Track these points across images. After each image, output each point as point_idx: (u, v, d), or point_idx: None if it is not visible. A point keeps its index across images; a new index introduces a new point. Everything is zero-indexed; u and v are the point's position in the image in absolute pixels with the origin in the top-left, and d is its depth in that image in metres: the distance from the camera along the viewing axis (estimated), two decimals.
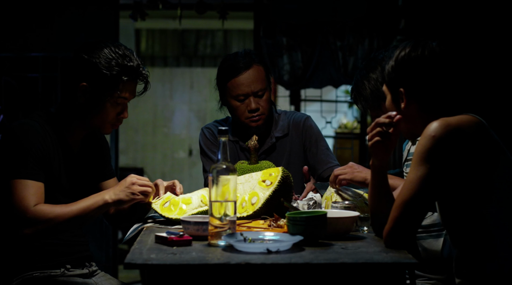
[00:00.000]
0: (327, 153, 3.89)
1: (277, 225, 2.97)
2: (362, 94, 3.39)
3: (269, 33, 7.07)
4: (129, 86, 3.16)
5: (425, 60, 2.68)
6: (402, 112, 2.73)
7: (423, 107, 2.70)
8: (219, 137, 2.71)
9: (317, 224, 2.68)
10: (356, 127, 8.53)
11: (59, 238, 3.17)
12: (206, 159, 3.92)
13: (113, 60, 3.10)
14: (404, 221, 2.59)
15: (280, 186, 3.16)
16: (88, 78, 3.10)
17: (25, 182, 2.99)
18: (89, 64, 3.09)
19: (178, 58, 11.36)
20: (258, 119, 3.80)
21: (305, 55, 7.08)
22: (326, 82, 7.28)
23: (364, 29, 7.00)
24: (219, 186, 2.67)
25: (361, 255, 2.56)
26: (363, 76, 3.39)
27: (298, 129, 3.91)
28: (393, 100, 2.76)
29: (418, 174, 2.58)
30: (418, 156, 2.59)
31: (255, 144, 3.57)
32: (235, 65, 3.80)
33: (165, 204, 3.20)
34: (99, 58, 3.09)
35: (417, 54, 2.69)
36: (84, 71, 3.10)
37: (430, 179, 2.57)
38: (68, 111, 3.17)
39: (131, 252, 2.59)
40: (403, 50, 2.71)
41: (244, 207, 3.16)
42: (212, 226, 2.68)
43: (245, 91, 3.77)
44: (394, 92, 2.74)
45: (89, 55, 3.09)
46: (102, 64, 3.08)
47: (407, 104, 2.71)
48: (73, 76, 3.13)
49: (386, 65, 2.76)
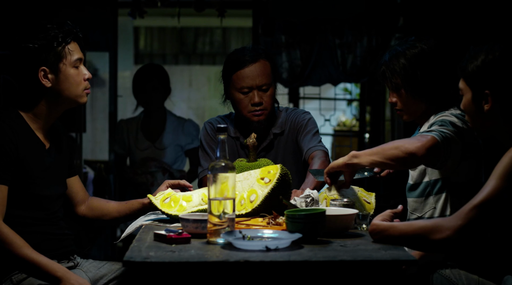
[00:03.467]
0: (311, 138, 3.85)
1: (276, 223, 2.97)
2: (395, 70, 3.40)
3: (267, 31, 7.07)
4: (74, 46, 3.22)
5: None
6: (483, 113, 2.76)
7: (507, 111, 2.72)
8: (218, 135, 2.71)
9: (316, 222, 2.68)
10: (355, 125, 8.53)
11: (48, 232, 3.18)
12: (203, 154, 3.92)
13: (51, 31, 3.16)
14: (475, 223, 2.58)
15: (279, 184, 3.16)
16: (42, 60, 3.14)
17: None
18: (38, 48, 3.14)
19: (176, 56, 11.35)
20: (261, 114, 3.80)
21: (304, 53, 7.08)
22: (325, 80, 7.28)
23: (362, 26, 7.00)
24: (217, 183, 2.67)
25: (360, 252, 2.56)
26: (399, 53, 3.39)
27: (292, 125, 3.91)
28: (473, 99, 2.78)
29: (498, 185, 2.58)
30: (504, 168, 2.60)
31: (253, 142, 3.57)
32: (241, 58, 3.81)
33: (165, 200, 3.20)
34: (43, 38, 3.15)
35: (508, 57, 2.72)
36: (35, 57, 3.14)
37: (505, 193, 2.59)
38: (33, 102, 3.20)
39: (130, 250, 2.59)
40: (491, 53, 2.74)
41: (242, 205, 3.16)
42: (211, 224, 2.68)
43: (249, 84, 3.78)
44: (477, 92, 2.77)
45: (33, 42, 3.14)
46: (48, 40, 3.14)
47: (492, 107, 2.74)
48: (26, 66, 3.16)
49: (468, 65, 2.78)
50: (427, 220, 2.72)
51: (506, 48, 2.73)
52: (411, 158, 3.05)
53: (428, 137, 3.05)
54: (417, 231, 2.62)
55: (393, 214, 2.80)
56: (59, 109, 3.24)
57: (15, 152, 3.07)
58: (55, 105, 3.22)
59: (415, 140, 3.06)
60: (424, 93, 3.36)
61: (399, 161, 3.08)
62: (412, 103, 3.40)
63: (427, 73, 3.35)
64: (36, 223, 3.16)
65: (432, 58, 3.36)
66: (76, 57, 3.21)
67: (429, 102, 3.38)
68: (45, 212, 3.20)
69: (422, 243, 2.63)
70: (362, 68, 7.03)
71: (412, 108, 3.41)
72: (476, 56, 2.76)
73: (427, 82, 3.35)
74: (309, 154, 3.79)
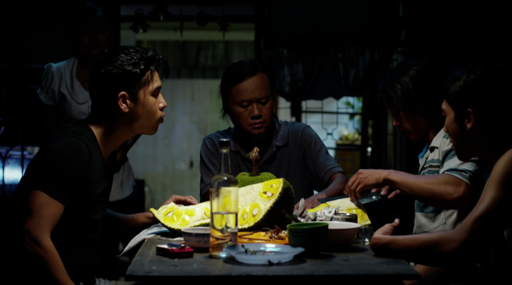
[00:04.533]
0: (326, 157, 3.93)
1: (278, 237, 2.97)
2: (391, 96, 3.44)
3: (270, 44, 7.08)
4: (156, 75, 3.18)
5: (497, 82, 2.75)
6: (466, 132, 2.79)
7: (490, 129, 2.75)
8: (220, 149, 2.71)
9: (318, 236, 2.68)
10: (357, 139, 8.53)
11: (84, 258, 3.15)
12: (204, 170, 3.93)
13: (134, 57, 3.11)
14: (478, 237, 2.59)
15: (281, 198, 3.16)
16: (123, 85, 3.09)
17: (48, 199, 2.95)
18: (121, 74, 3.08)
19: (179, 70, 11.37)
20: (261, 126, 3.81)
21: (306, 67, 7.08)
22: (327, 93, 7.28)
23: (365, 40, 7.01)
24: (220, 197, 2.67)
25: (362, 266, 2.56)
26: (394, 79, 3.44)
27: (297, 139, 3.93)
28: (456, 118, 2.82)
29: (497, 194, 2.60)
30: (500, 177, 2.62)
31: (256, 156, 3.57)
32: (239, 72, 3.83)
33: (168, 213, 3.20)
34: (124, 63, 3.09)
35: (489, 76, 2.75)
36: (116, 82, 3.09)
37: (507, 202, 2.60)
38: (108, 123, 3.14)
39: (133, 264, 2.59)
40: (473, 73, 2.77)
41: (245, 219, 3.16)
42: (213, 238, 2.68)
43: (248, 97, 3.80)
44: (459, 111, 2.80)
45: (113, 66, 3.09)
46: (133, 66, 3.09)
47: (474, 125, 2.77)
48: (107, 89, 3.10)
49: (450, 85, 2.82)
50: (431, 233, 2.73)
51: (487, 67, 2.77)
52: (446, 205, 3.24)
53: (461, 188, 3.13)
54: (422, 244, 2.62)
55: (393, 228, 2.81)
56: (129, 135, 3.21)
57: (85, 174, 3.03)
58: (128, 131, 3.18)
59: (450, 188, 3.15)
60: (423, 111, 3.38)
61: (431, 203, 3.29)
62: (415, 123, 3.43)
63: (422, 92, 3.39)
64: (78, 246, 3.12)
65: (425, 77, 3.40)
66: (157, 86, 3.17)
67: (431, 117, 3.39)
68: (89, 237, 3.16)
69: (428, 257, 2.63)
70: (364, 82, 7.03)
71: (416, 127, 3.44)
72: (458, 77, 2.81)
73: (424, 100, 3.38)
74: (329, 176, 3.86)
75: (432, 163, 3.39)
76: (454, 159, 3.20)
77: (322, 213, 3.15)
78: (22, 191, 3.01)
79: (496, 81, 2.74)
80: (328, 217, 3.11)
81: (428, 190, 3.15)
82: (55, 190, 2.95)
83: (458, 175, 3.14)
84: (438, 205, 3.29)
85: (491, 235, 2.60)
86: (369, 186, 3.26)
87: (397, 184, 3.22)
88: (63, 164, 2.97)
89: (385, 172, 3.27)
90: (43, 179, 2.95)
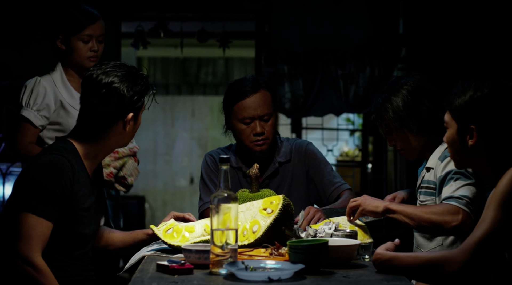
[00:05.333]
0: (332, 174, 3.93)
1: (278, 253, 2.97)
2: (383, 117, 3.45)
3: (270, 61, 7.10)
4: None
5: (504, 101, 2.74)
6: (467, 148, 2.78)
7: (491, 148, 2.75)
8: (221, 166, 2.71)
9: (318, 252, 2.68)
10: (358, 155, 8.53)
11: (76, 273, 3.14)
12: (203, 187, 3.93)
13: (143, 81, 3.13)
14: (478, 257, 2.59)
15: (281, 214, 3.16)
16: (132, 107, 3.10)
17: (36, 219, 2.94)
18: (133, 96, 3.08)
19: (179, 86, 11.39)
20: (263, 144, 3.81)
21: (307, 83, 7.10)
22: (328, 110, 7.29)
23: (365, 57, 7.03)
24: (220, 214, 2.67)
25: (362, 283, 2.55)
26: (385, 99, 3.44)
27: (300, 156, 3.93)
28: (458, 132, 2.80)
29: (498, 215, 2.60)
30: (501, 197, 2.62)
31: (256, 172, 3.57)
32: (242, 88, 3.82)
33: (168, 230, 3.20)
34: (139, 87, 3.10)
35: (497, 95, 2.75)
36: (128, 104, 3.08)
37: (508, 223, 2.60)
38: (97, 141, 3.12)
39: (133, 281, 2.58)
40: (480, 90, 2.76)
41: (245, 235, 3.16)
42: (213, 254, 2.67)
43: (251, 114, 3.79)
44: (462, 126, 2.79)
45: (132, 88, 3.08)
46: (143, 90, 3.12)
47: (476, 142, 2.76)
48: (116, 109, 3.07)
49: (456, 99, 2.80)
50: (433, 252, 2.73)
51: (495, 85, 2.77)
52: (445, 233, 3.29)
53: (459, 217, 3.14)
54: (424, 263, 2.63)
55: (395, 246, 2.82)
56: (111, 151, 3.22)
57: (70, 190, 3.01)
58: (113, 148, 3.19)
59: (449, 217, 3.16)
60: (415, 127, 3.39)
61: (431, 232, 3.35)
62: (408, 142, 3.44)
63: (413, 110, 3.39)
64: (69, 262, 3.09)
65: (416, 94, 3.41)
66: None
67: (424, 133, 3.40)
68: (80, 252, 3.14)
69: (429, 276, 2.64)
70: (365, 99, 7.04)
71: (411, 145, 3.44)
72: (464, 91, 2.79)
73: (416, 117, 3.39)
74: (338, 193, 3.87)
75: (428, 184, 3.40)
76: (450, 185, 3.22)
77: (322, 229, 3.15)
78: (9, 213, 3.00)
79: (503, 101, 2.74)
80: (328, 233, 3.11)
81: (427, 219, 3.17)
82: (41, 209, 2.94)
83: (455, 203, 3.16)
84: (439, 234, 3.33)
85: (493, 257, 2.60)
86: (366, 212, 3.27)
87: (396, 213, 3.23)
88: (46, 182, 2.96)
89: (385, 202, 3.30)
90: (28, 200, 2.94)
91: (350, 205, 3.30)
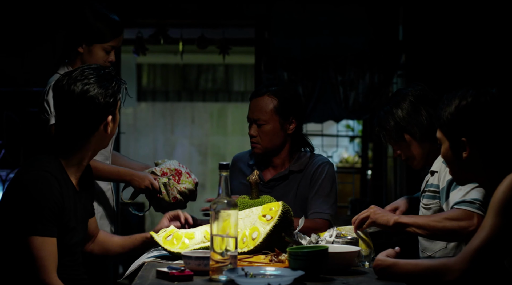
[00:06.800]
0: (325, 200, 3.86)
1: (278, 260, 2.97)
2: (386, 128, 3.46)
3: (270, 68, 7.10)
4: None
5: (489, 108, 2.71)
6: (462, 161, 2.75)
7: (486, 157, 2.72)
8: (220, 172, 2.71)
9: (318, 259, 2.68)
10: (357, 161, 8.54)
11: (69, 278, 3.12)
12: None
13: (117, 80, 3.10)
14: (477, 265, 2.59)
15: (281, 221, 3.16)
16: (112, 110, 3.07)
17: (42, 239, 2.91)
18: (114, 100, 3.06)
19: (179, 93, 11.39)
20: (254, 147, 3.88)
21: (306, 90, 7.10)
22: (327, 116, 7.30)
23: (365, 63, 7.03)
24: (220, 221, 2.67)
25: None
26: (387, 111, 3.46)
27: (312, 169, 3.89)
28: (450, 148, 2.77)
29: (496, 223, 2.59)
30: (498, 205, 2.60)
31: (256, 179, 3.57)
32: (255, 91, 3.95)
33: (168, 237, 3.20)
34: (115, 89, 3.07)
35: (480, 103, 2.72)
36: (108, 108, 3.04)
37: (506, 231, 2.59)
38: (78, 148, 3.07)
39: None
40: (464, 99, 2.73)
41: (245, 242, 3.16)
42: (213, 261, 2.67)
43: (248, 116, 3.91)
44: (453, 140, 2.76)
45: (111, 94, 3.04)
46: (118, 91, 3.08)
47: (470, 154, 2.73)
48: (95, 116, 3.02)
49: (443, 113, 2.77)
50: (433, 259, 2.73)
51: (478, 93, 2.73)
52: (462, 240, 3.24)
53: (474, 221, 3.10)
54: (424, 270, 2.63)
55: (395, 253, 2.81)
56: (92, 157, 3.17)
57: (62, 204, 2.97)
58: (94, 153, 3.14)
59: (464, 223, 3.12)
60: (419, 135, 3.39)
61: (446, 240, 3.31)
62: (413, 149, 3.43)
63: (416, 119, 3.39)
64: (60, 269, 3.02)
65: (419, 104, 3.42)
66: None
67: (428, 140, 3.39)
68: (70, 258, 3.10)
69: (430, 283, 2.63)
70: (364, 105, 7.05)
71: (416, 152, 3.44)
72: (449, 103, 2.76)
73: (419, 125, 3.39)
74: (312, 217, 3.80)
75: (431, 187, 3.39)
76: (458, 189, 3.18)
77: (325, 237, 3.15)
78: (11, 239, 2.96)
79: (488, 108, 2.70)
80: (329, 241, 3.11)
81: (442, 227, 3.12)
82: (42, 228, 2.91)
83: (468, 207, 3.11)
84: (455, 240, 3.30)
85: (492, 264, 2.60)
86: (377, 225, 3.22)
87: (409, 226, 3.17)
88: (42, 200, 2.92)
89: (395, 215, 3.23)
90: (30, 223, 2.90)
91: (360, 217, 3.26)
